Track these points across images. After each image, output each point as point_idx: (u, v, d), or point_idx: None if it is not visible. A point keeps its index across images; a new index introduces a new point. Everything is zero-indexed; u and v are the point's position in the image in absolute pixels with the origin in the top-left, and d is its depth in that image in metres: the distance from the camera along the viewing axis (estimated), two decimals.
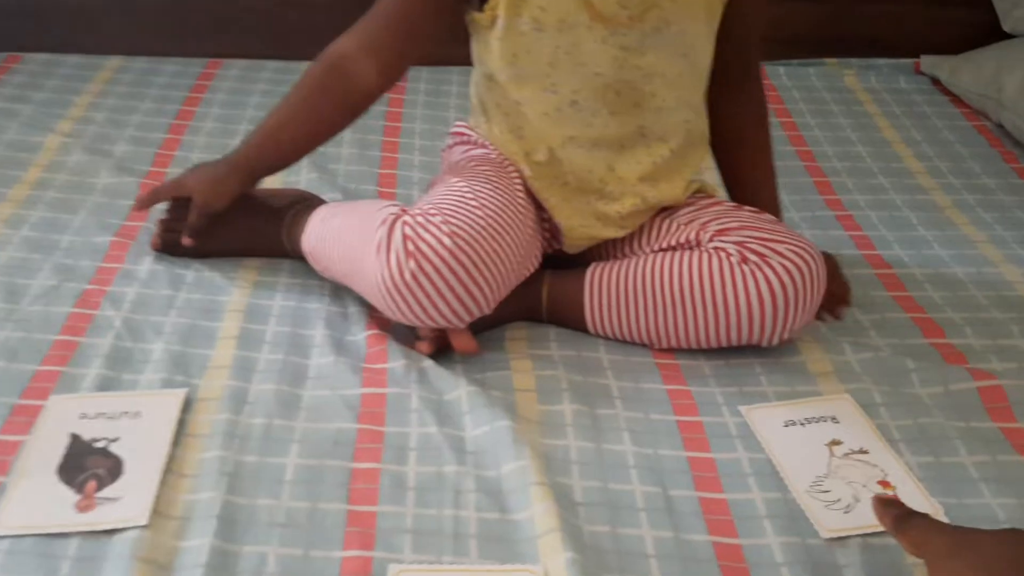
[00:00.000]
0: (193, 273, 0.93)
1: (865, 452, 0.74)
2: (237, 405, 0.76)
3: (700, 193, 0.92)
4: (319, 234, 0.88)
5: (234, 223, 0.93)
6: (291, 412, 0.76)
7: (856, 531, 0.67)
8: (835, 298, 0.89)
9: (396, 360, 0.81)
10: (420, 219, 0.78)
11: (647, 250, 0.88)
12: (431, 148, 1.21)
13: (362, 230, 0.81)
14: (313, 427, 0.74)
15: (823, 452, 0.74)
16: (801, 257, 0.81)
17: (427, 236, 0.77)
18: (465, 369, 0.82)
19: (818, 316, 0.88)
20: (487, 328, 0.87)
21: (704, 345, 0.84)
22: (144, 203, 0.94)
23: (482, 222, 0.78)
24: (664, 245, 0.87)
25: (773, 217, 0.88)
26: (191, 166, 0.96)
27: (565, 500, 0.69)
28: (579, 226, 0.88)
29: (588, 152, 0.85)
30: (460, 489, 0.70)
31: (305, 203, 0.95)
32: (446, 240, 0.76)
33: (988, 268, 1.01)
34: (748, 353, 0.85)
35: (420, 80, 1.40)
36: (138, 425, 0.72)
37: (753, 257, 0.81)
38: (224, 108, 1.29)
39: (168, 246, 0.94)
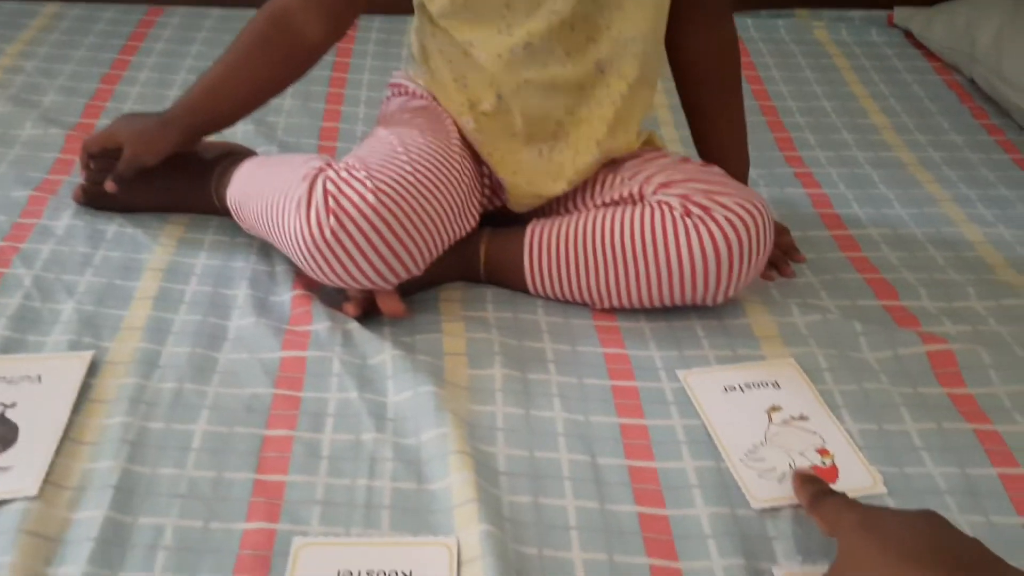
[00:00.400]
0: (114, 229, 0.88)
1: (805, 419, 0.71)
2: (147, 369, 0.72)
3: (648, 145, 0.88)
4: (243, 189, 0.84)
5: (162, 176, 0.88)
6: (204, 376, 0.72)
7: (788, 501, 0.64)
8: (782, 252, 0.86)
9: (320, 322, 0.78)
10: (344, 174, 0.73)
11: (590, 205, 0.84)
12: (378, 101, 1.16)
13: (284, 185, 0.76)
14: (226, 392, 0.71)
15: (762, 419, 0.71)
16: (746, 210, 0.77)
17: (350, 192, 0.72)
18: (393, 332, 0.78)
19: (765, 274, 0.84)
20: (420, 289, 0.83)
21: (647, 304, 0.80)
22: (81, 158, 0.89)
23: (411, 178, 0.74)
24: (608, 200, 0.83)
25: (721, 170, 0.84)
26: (124, 114, 0.91)
27: (487, 469, 0.65)
28: (524, 183, 0.84)
29: (545, 96, 0.81)
30: (376, 458, 0.66)
31: (236, 157, 0.90)
32: (370, 197, 0.72)
33: (948, 228, 0.98)
34: (691, 315, 0.82)
35: (372, 29, 1.34)
36: (38, 390, 0.68)
37: (696, 210, 0.77)
38: (162, 57, 1.23)
39: (91, 198, 0.89)
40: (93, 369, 0.71)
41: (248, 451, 0.66)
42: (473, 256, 0.85)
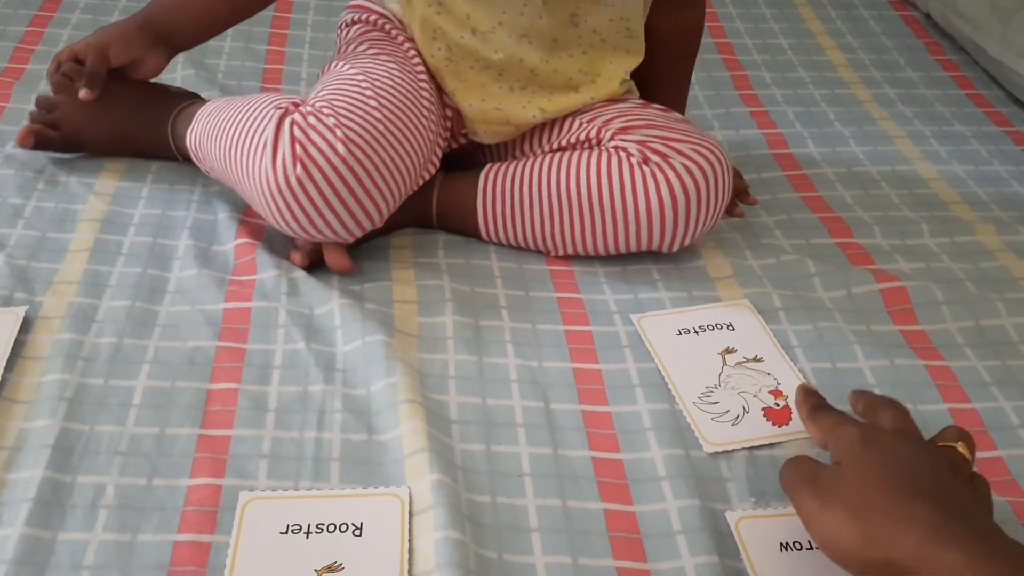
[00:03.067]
0: (46, 179, 0.84)
1: (760, 360, 0.70)
2: (84, 324, 0.69)
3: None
4: (207, 127, 0.79)
5: (117, 108, 0.84)
6: (144, 330, 0.70)
7: (741, 444, 0.64)
8: (734, 194, 0.85)
9: (266, 271, 0.75)
10: (312, 119, 0.70)
11: (546, 148, 0.82)
12: (323, 41, 1.12)
13: (249, 127, 0.73)
14: (168, 346, 0.68)
15: (716, 361, 0.70)
16: (705, 158, 0.76)
17: (318, 140, 0.69)
18: (341, 280, 0.76)
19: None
20: (372, 238, 0.80)
21: (603, 251, 0.79)
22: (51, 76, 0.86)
23: (381, 125, 0.71)
24: (564, 143, 0.81)
25: (682, 116, 0.82)
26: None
27: (438, 418, 0.64)
28: (493, 109, 0.81)
29: (517, 43, 0.78)
30: (325, 410, 0.65)
31: (199, 100, 0.86)
32: (339, 147, 0.69)
33: (903, 165, 0.97)
34: (646, 259, 0.81)
35: None
36: None
37: (655, 157, 0.75)
38: None
39: (41, 140, 0.85)
40: (26, 325, 0.68)
41: (191, 405, 0.64)
42: (425, 202, 0.82)
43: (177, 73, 1.01)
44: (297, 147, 0.69)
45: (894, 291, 0.78)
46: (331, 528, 0.56)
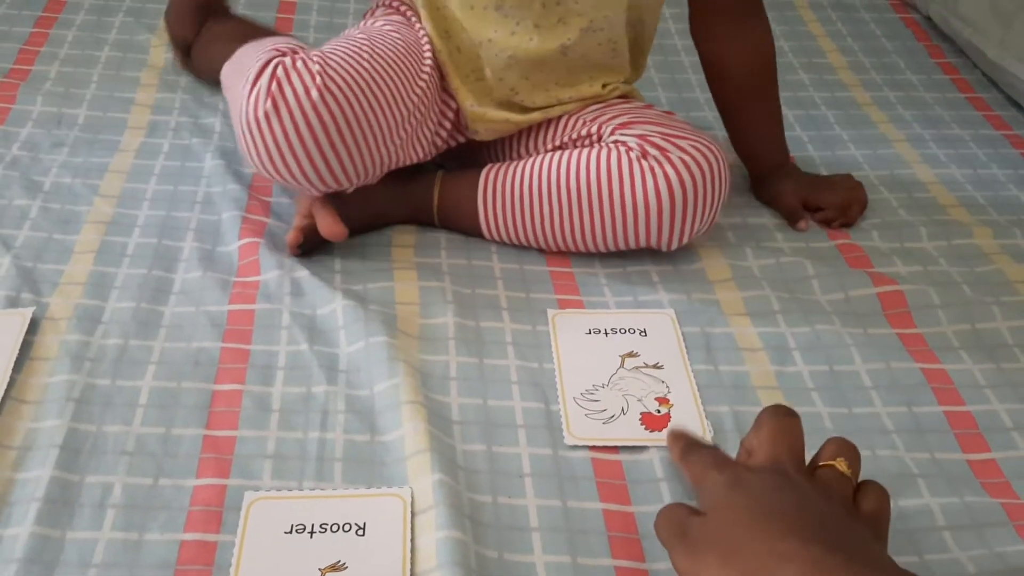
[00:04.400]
0: (51, 181, 0.85)
1: (659, 367, 0.70)
2: (90, 325, 0.70)
3: (622, 97, 0.86)
4: (235, 57, 0.82)
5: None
6: (150, 331, 0.70)
7: (604, 442, 0.64)
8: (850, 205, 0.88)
9: (269, 272, 0.76)
10: (300, 64, 0.72)
11: (548, 147, 0.83)
12: (328, 26, 1.13)
13: (249, 61, 0.75)
14: (173, 347, 0.69)
15: (614, 363, 0.70)
16: (702, 154, 0.77)
17: (296, 81, 0.71)
18: (344, 280, 0.77)
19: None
20: (368, 225, 0.81)
21: (602, 248, 0.80)
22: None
23: (364, 82, 0.72)
24: (565, 140, 0.82)
25: (681, 118, 0.83)
26: None
27: (440, 419, 0.65)
28: (493, 108, 0.82)
29: (506, 64, 0.79)
30: (328, 410, 0.65)
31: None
32: (313, 92, 0.70)
33: (902, 168, 0.98)
34: (646, 261, 0.81)
35: None
36: None
37: (653, 151, 0.76)
38: None
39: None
40: (33, 326, 0.69)
41: (197, 406, 0.65)
42: (426, 199, 0.83)
43: (182, 78, 1.01)
44: (274, 84, 0.71)
45: (891, 294, 0.78)
46: (334, 528, 0.57)
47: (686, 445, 0.58)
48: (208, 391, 0.66)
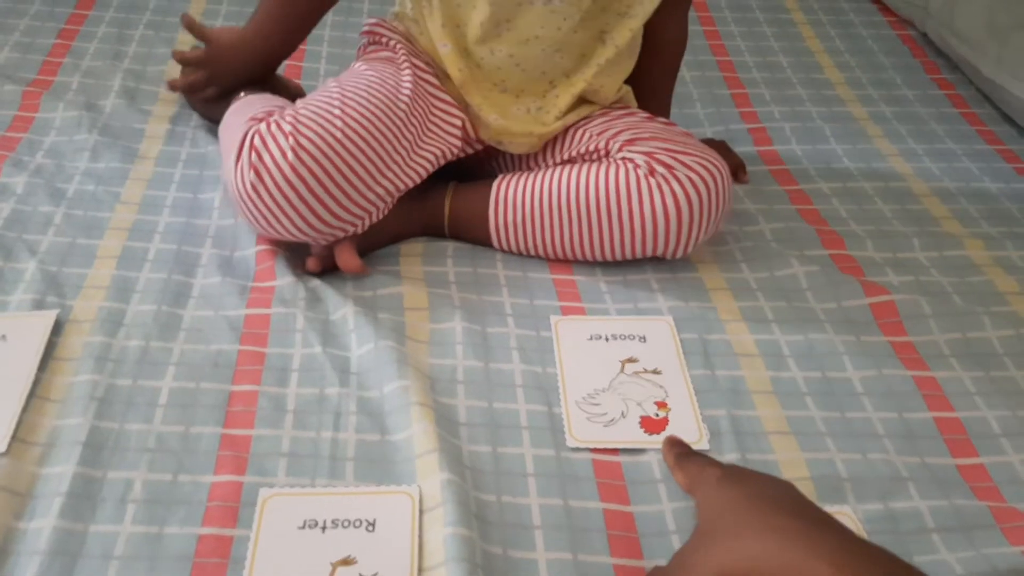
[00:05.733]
0: (75, 188, 0.88)
1: (658, 372, 0.73)
2: (112, 327, 0.73)
3: (619, 103, 0.89)
4: (224, 123, 0.87)
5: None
6: (170, 333, 0.73)
7: (605, 444, 0.67)
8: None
9: (284, 278, 0.79)
10: (274, 127, 0.75)
11: (557, 160, 0.86)
12: (338, 57, 1.16)
13: (234, 132, 0.78)
14: (192, 349, 0.72)
15: (614, 368, 0.73)
16: (707, 169, 0.80)
17: (272, 147, 0.74)
18: (355, 287, 0.80)
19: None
20: (384, 244, 0.84)
21: (610, 258, 0.83)
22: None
23: (339, 133, 0.75)
24: (575, 154, 0.85)
25: (684, 130, 0.86)
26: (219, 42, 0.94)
27: (447, 421, 0.68)
28: (514, 125, 0.84)
29: (549, 56, 0.82)
30: (341, 411, 0.68)
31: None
32: (289, 154, 0.73)
33: (896, 181, 1.01)
34: (646, 269, 0.84)
35: None
36: (3, 349, 0.69)
37: (660, 169, 0.79)
38: (119, 12, 1.21)
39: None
40: (57, 328, 0.72)
41: (215, 406, 0.68)
42: (437, 210, 0.86)
43: None
44: (253, 154, 0.74)
45: (884, 303, 0.81)
46: (346, 524, 0.60)
47: (680, 453, 0.62)
48: (226, 391, 0.69)
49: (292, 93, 0.95)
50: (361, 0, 1.31)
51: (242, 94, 0.91)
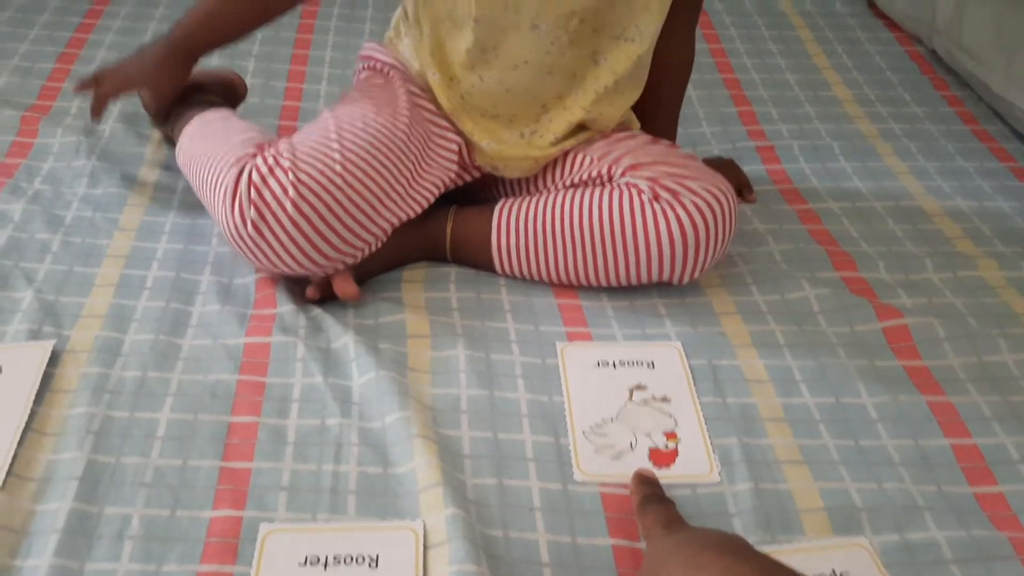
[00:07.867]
0: (73, 215, 0.87)
1: (666, 400, 0.71)
2: (110, 357, 0.72)
3: (620, 126, 0.88)
4: (186, 152, 0.85)
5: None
6: (168, 363, 0.72)
7: (612, 479, 0.65)
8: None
9: (284, 306, 0.78)
10: (271, 162, 0.74)
11: (560, 185, 0.84)
12: (340, 78, 1.15)
13: (218, 166, 0.77)
14: (190, 379, 0.71)
15: (622, 396, 0.71)
16: (713, 195, 0.78)
17: (273, 184, 0.73)
18: (357, 315, 0.78)
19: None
20: (386, 270, 0.83)
21: (615, 283, 0.81)
22: (99, 109, 0.89)
23: (338, 167, 0.74)
24: (577, 180, 0.83)
25: (688, 152, 0.84)
26: (119, 61, 0.90)
27: (451, 453, 0.66)
28: (509, 149, 0.83)
29: (540, 79, 0.80)
30: (342, 443, 0.67)
31: (191, 102, 0.91)
32: (290, 191, 0.73)
33: (907, 200, 0.99)
34: (653, 294, 0.83)
35: (334, 4, 1.32)
36: None
37: (665, 194, 0.77)
38: (119, 36, 1.21)
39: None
40: (54, 359, 0.71)
41: (213, 438, 0.66)
42: (439, 235, 0.85)
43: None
44: (252, 192, 0.73)
45: (897, 327, 0.79)
46: (348, 560, 0.58)
47: (645, 496, 0.60)
48: (225, 423, 0.67)
49: (224, 81, 0.95)
50: (363, 22, 1.30)
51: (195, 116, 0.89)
